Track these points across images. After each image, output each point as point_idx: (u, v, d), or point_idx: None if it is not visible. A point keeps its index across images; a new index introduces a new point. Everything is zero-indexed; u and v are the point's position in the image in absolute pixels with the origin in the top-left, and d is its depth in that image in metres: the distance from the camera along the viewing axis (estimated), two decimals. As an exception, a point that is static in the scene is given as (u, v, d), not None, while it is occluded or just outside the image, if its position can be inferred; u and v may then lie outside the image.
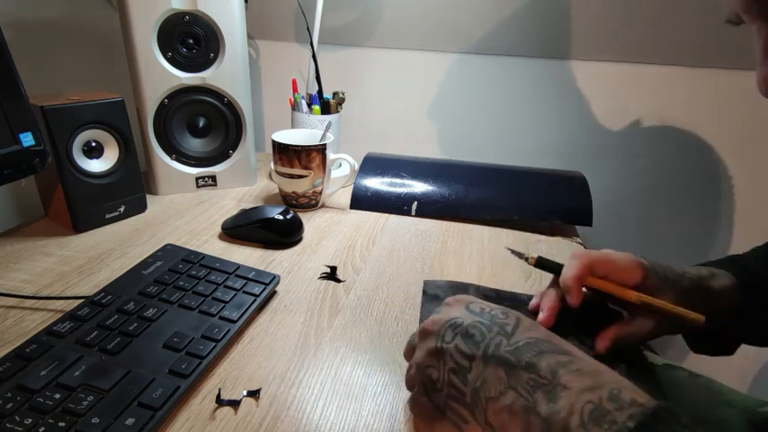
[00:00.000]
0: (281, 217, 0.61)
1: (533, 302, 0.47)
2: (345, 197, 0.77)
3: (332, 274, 0.55)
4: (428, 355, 0.32)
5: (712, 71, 0.86)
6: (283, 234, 0.62)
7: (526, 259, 0.46)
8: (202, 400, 0.37)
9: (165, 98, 0.70)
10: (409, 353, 0.37)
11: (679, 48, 0.85)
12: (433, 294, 0.52)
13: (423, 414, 0.34)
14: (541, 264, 0.46)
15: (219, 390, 0.38)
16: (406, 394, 0.39)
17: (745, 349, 1.09)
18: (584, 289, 0.42)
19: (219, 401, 0.37)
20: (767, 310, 0.44)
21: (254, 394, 0.38)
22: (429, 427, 0.33)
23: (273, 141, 0.69)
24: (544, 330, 0.31)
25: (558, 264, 0.45)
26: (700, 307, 0.40)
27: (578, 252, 0.43)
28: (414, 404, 0.35)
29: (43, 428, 0.31)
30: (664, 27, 0.83)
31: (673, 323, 0.42)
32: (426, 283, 0.54)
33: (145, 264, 0.50)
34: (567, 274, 0.41)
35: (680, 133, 0.91)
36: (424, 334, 0.34)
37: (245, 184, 0.81)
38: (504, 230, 0.71)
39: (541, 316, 0.43)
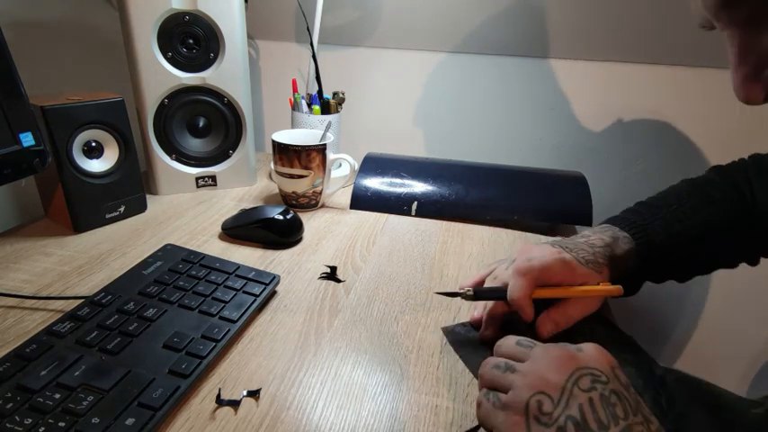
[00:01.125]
0: (281, 217, 0.62)
1: (475, 315, 0.48)
2: (345, 197, 0.77)
3: (332, 275, 0.55)
4: (547, 384, 0.30)
5: (714, 71, 0.86)
6: (283, 234, 0.62)
7: (461, 296, 0.45)
8: (202, 400, 0.37)
9: (165, 98, 0.70)
10: (509, 353, 0.35)
11: (681, 48, 0.85)
12: (461, 341, 0.47)
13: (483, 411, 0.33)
14: (480, 295, 0.46)
15: (219, 390, 0.38)
16: (407, 394, 0.39)
17: (744, 349, 1.09)
18: None
19: (219, 401, 0.37)
20: (656, 266, 0.51)
21: (254, 394, 0.38)
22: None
23: (273, 141, 0.69)
24: None
25: (496, 288, 0.46)
26: (612, 270, 0.47)
27: (521, 269, 0.44)
28: (486, 400, 0.33)
29: (43, 428, 0.31)
30: (666, 27, 0.83)
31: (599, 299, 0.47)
32: (445, 332, 0.48)
33: (145, 264, 0.50)
34: (518, 294, 0.43)
35: (681, 134, 0.91)
36: (552, 360, 0.31)
37: (245, 184, 0.81)
38: (504, 230, 0.71)
39: (486, 332, 0.46)
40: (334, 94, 0.85)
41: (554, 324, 0.44)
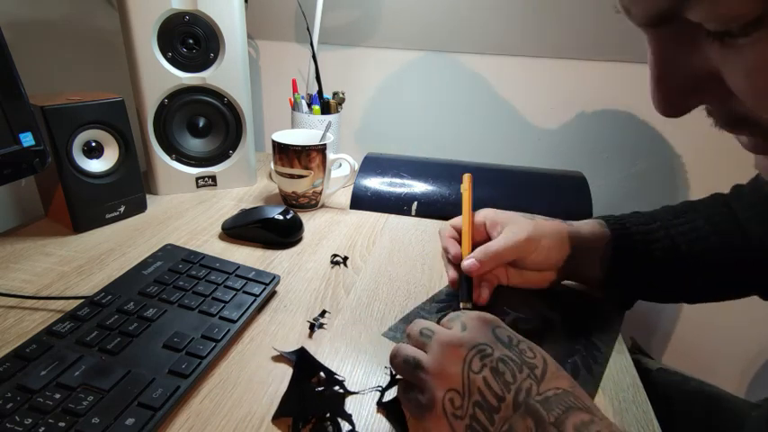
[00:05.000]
0: (281, 217, 0.62)
1: (450, 275, 0.51)
2: (345, 197, 0.77)
3: (343, 261, 0.58)
4: (451, 378, 0.32)
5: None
6: (283, 234, 0.62)
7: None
8: (202, 399, 0.37)
9: (165, 98, 0.70)
10: (415, 344, 0.36)
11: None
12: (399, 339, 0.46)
13: (412, 410, 0.35)
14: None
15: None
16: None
17: (743, 349, 1.09)
18: None
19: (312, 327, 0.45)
20: (634, 257, 0.50)
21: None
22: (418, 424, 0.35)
23: (273, 141, 0.69)
24: (566, 377, 0.32)
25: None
26: (577, 252, 0.49)
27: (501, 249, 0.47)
28: (407, 401, 0.35)
29: (43, 428, 0.31)
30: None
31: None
32: (386, 335, 0.47)
33: (145, 264, 0.50)
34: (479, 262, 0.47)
35: (681, 134, 0.91)
36: (447, 350, 0.33)
37: (245, 184, 0.81)
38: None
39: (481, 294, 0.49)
40: (335, 94, 0.85)
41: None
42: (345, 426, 0.36)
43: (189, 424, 0.35)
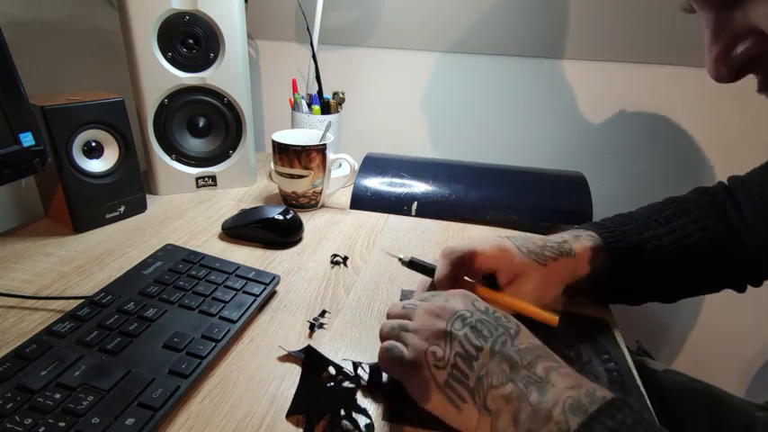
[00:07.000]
0: (281, 217, 0.62)
1: None
2: (345, 197, 0.77)
3: (343, 261, 0.58)
4: (435, 335, 0.36)
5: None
6: (283, 234, 0.62)
7: (400, 260, 0.48)
8: (202, 399, 0.37)
9: (165, 98, 0.70)
10: (398, 315, 0.39)
11: (682, 48, 0.85)
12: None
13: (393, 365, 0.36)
14: (414, 265, 0.48)
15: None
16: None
17: (744, 349, 1.09)
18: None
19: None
20: (631, 274, 0.50)
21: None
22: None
23: (273, 141, 0.69)
24: (540, 342, 0.35)
25: (430, 265, 0.47)
26: (566, 273, 0.47)
27: (446, 251, 0.46)
28: (390, 357, 0.37)
29: (43, 428, 0.31)
30: (667, 26, 0.83)
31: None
32: (404, 293, 0.53)
33: (145, 264, 0.50)
34: (440, 275, 0.45)
35: (681, 134, 0.91)
36: (431, 314, 0.37)
37: (245, 184, 0.81)
38: (504, 231, 0.71)
39: None
40: (335, 94, 0.85)
41: None
42: (362, 420, 0.36)
43: (189, 424, 0.35)
